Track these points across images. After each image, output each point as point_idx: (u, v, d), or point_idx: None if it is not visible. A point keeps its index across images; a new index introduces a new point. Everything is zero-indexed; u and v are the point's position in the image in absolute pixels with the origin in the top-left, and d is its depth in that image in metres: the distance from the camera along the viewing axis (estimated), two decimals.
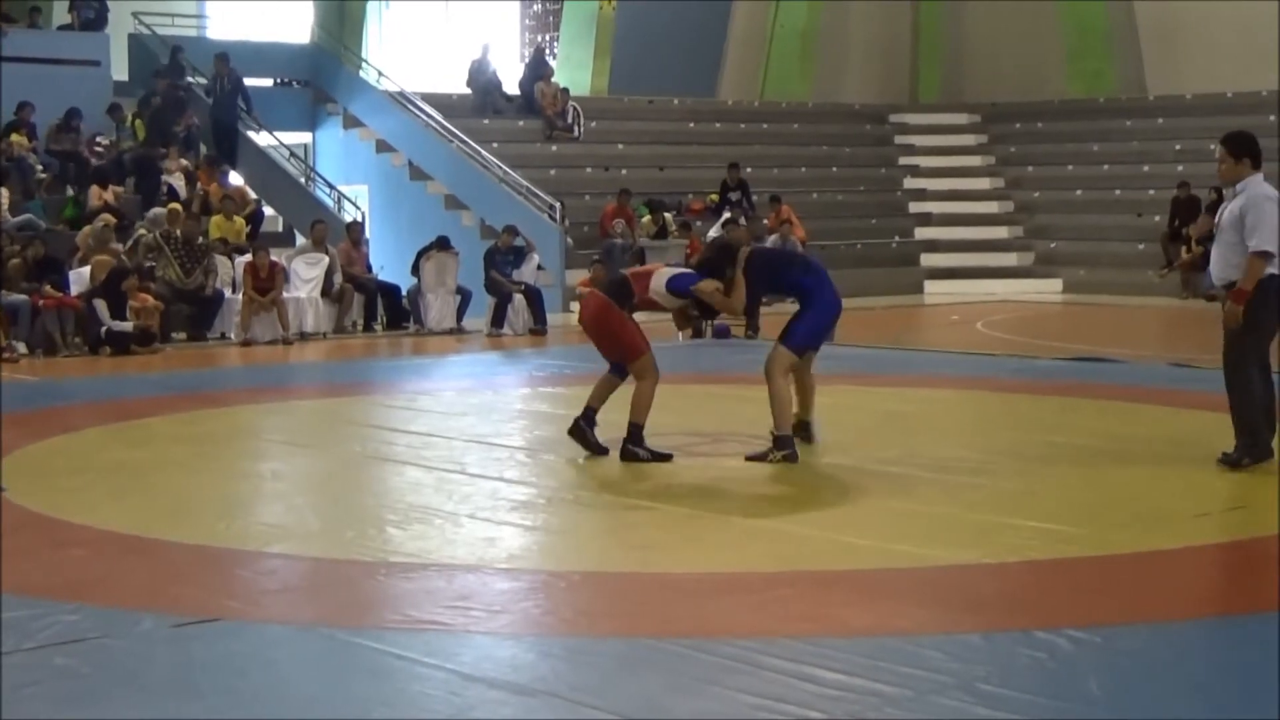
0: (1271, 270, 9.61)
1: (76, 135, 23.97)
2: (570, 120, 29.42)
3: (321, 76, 29.39)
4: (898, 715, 5.38)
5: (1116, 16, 32.92)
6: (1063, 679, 5.77)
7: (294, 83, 29.72)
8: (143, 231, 20.66)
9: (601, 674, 5.89)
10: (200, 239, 20.71)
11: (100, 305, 18.14)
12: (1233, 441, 9.85)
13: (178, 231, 20.23)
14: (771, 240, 26.20)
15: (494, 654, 6.21)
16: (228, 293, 20.42)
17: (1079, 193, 30.60)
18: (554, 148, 29.07)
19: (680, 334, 19.83)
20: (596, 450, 10.70)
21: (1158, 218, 28.05)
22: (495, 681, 5.78)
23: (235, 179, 25.34)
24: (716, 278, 10.57)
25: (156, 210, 21.67)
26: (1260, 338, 9.79)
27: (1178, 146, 29.52)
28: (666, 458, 10.57)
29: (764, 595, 7.04)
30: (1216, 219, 10.05)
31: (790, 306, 11.03)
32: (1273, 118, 27.62)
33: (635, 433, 10.57)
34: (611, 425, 10.69)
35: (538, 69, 30.38)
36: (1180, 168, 28.31)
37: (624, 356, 10.75)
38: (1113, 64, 33.15)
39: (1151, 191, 29.06)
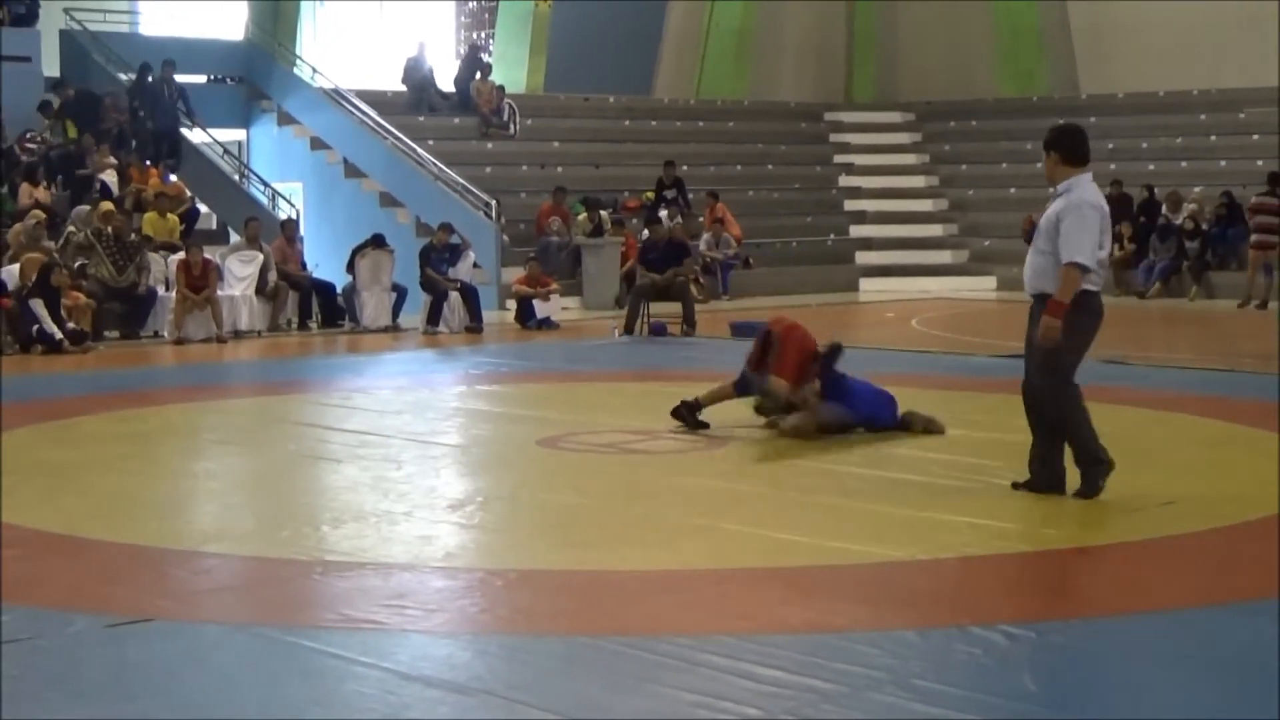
0: (1089, 287, 8.81)
1: None
2: (506, 118, 29.35)
3: (256, 73, 29.18)
4: (834, 711, 5.40)
5: (1049, 16, 33.14)
6: (997, 674, 5.80)
7: (228, 79, 29.50)
8: (73, 229, 20.48)
9: (538, 672, 5.89)
10: (132, 236, 20.54)
11: (38, 305, 17.94)
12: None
13: (109, 229, 20.06)
14: (705, 239, 26.29)
15: (430, 653, 6.20)
16: (161, 291, 20.27)
17: (1012, 191, 30.73)
18: (489, 145, 28.98)
19: (615, 331, 19.91)
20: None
21: None
22: (431, 680, 5.76)
23: (172, 175, 25.09)
24: None
25: (81, 208, 21.49)
26: (1076, 359, 8.94)
27: (1110, 145, 29.66)
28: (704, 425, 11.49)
29: (701, 593, 7.06)
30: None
31: None
32: (1273, 111, 27.93)
33: (695, 404, 11.54)
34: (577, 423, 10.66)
35: (473, 66, 30.28)
36: (1112, 166, 28.43)
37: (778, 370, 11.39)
38: (1045, 63, 33.37)
39: None
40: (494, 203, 24.91)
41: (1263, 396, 13.16)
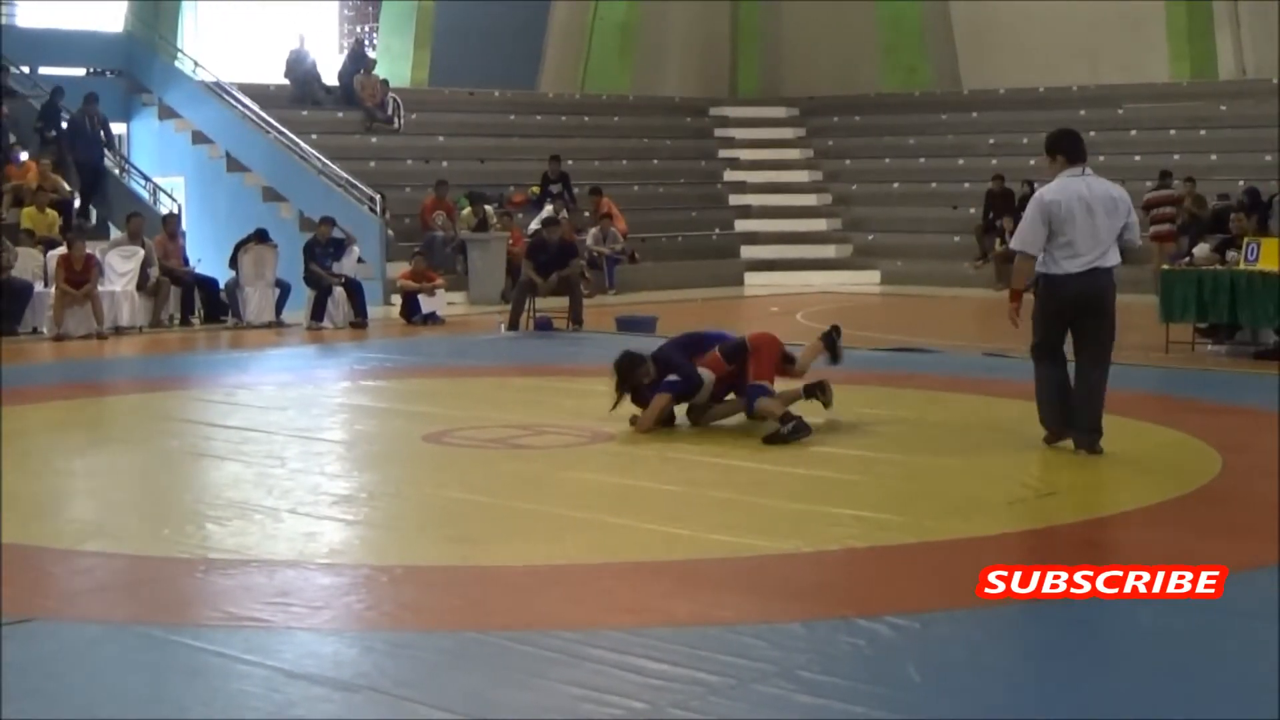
0: (1051, 270, 10.03)
1: None
2: (390, 112, 29.21)
3: (136, 66, 28.84)
4: (721, 704, 5.42)
5: (931, 12, 33.48)
6: (882, 665, 5.85)
7: (107, 72, 29.13)
8: None
9: (425, 668, 5.87)
10: None
11: None
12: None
13: None
14: (592, 234, 26.29)
15: (316, 650, 6.16)
16: (39, 286, 19.98)
17: (896, 185, 31.04)
18: (374, 140, 28.84)
19: (501, 325, 19.85)
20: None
21: (973, 210, 28.52)
22: (317, 678, 5.73)
23: (23, 156, 24.57)
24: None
25: None
26: (1040, 336, 10.34)
27: (992, 140, 30.09)
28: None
29: (586, 587, 7.07)
30: None
31: None
32: (1151, 107, 28.29)
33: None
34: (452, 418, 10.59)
35: (357, 60, 30.10)
36: (994, 161, 28.83)
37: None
38: (928, 59, 33.68)
39: (967, 184, 29.56)
40: (379, 197, 24.78)
41: (1143, 388, 13.35)
